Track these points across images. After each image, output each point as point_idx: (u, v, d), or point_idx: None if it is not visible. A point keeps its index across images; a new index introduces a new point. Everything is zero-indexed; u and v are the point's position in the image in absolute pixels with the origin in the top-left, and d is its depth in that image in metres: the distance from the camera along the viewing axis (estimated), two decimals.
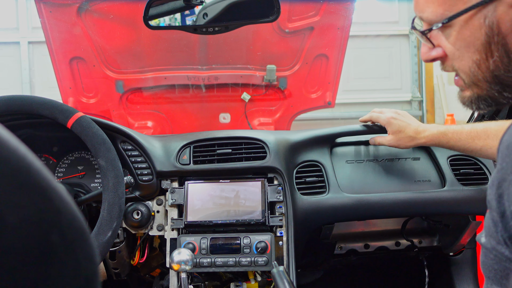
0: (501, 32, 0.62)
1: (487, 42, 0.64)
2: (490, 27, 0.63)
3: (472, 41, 0.66)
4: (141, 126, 2.25)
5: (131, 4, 2.00)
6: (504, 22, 0.62)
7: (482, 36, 0.64)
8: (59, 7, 1.91)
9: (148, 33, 1.45)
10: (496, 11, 0.61)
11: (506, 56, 0.64)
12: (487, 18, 0.62)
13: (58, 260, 0.37)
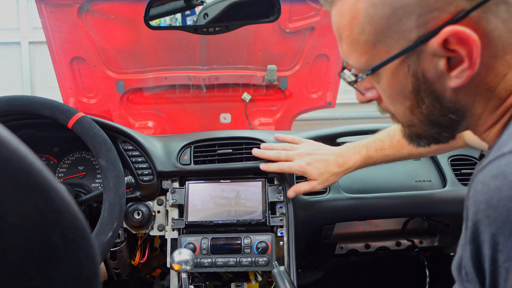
0: (428, 80, 0.60)
1: (416, 89, 0.62)
2: (415, 76, 0.61)
3: (400, 89, 0.63)
4: (142, 126, 2.25)
5: (131, 4, 2.00)
6: (429, 71, 0.59)
7: (409, 85, 0.62)
8: (59, 7, 1.91)
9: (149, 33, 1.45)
10: (419, 60, 0.59)
11: (437, 102, 0.62)
12: (411, 68, 0.60)
13: (59, 260, 0.37)
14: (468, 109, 0.62)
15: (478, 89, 0.60)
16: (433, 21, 0.55)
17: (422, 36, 0.56)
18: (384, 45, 0.59)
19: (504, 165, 0.50)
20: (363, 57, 0.62)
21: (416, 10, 0.55)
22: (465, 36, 0.54)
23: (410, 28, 0.57)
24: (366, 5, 0.58)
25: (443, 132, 0.66)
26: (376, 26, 0.58)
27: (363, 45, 0.61)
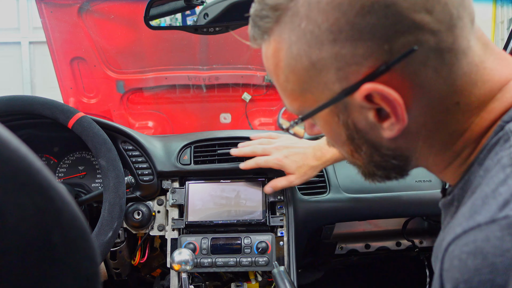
0: (360, 130, 0.58)
1: (350, 138, 0.59)
2: (346, 126, 0.58)
3: (336, 135, 0.61)
4: (142, 126, 2.25)
5: (132, 4, 2.00)
6: (360, 121, 0.57)
7: (343, 133, 0.59)
8: (60, 7, 1.91)
9: (149, 33, 1.45)
10: (348, 111, 0.56)
11: (375, 149, 0.59)
12: (341, 118, 0.57)
13: (59, 260, 0.37)
14: (411, 153, 0.59)
15: (418, 136, 0.57)
16: (352, 75, 0.52)
17: (345, 90, 0.53)
18: (310, 94, 0.56)
19: (481, 241, 0.45)
20: (294, 103, 0.59)
21: (334, 64, 0.52)
22: (385, 93, 0.51)
23: (332, 81, 0.54)
24: (286, 55, 0.55)
25: (390, 174, 0.64)
26: (298, 77, 0.55)
27: (290, 92, 0.58)
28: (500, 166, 0.50)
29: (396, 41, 0.50)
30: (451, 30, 0.51)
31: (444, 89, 0.53)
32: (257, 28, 0.57)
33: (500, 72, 0.55)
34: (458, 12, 0.51)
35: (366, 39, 0.50)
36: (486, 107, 0.55)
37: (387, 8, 0.49)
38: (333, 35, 0.51)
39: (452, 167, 0.59)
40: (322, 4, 0.51)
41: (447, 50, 0.51)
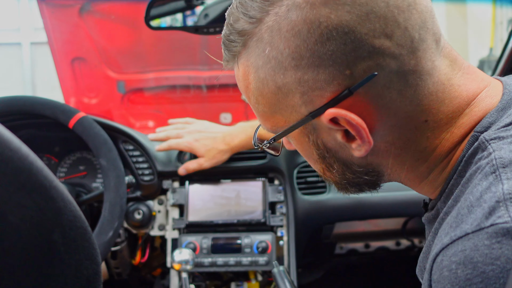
0: (330, 150, 0.59)
1: (321, 157, 0.60)
2: (316, 145, 0.59)
3: (308, 154, 0.62)
4: (143, 126, 2.25)
5: (132, 4, 2.00)
6: (329, 141, 0.58)
7: (314, 152, 0.60)
8: (61, 7, 1.91)
9: (149, 33, 1.45)
10: (317, 132, 0.57)
11: (347, 167, 0.60)
12: (311, 138, 0.58)
13: (60, 259, 0.37)
14: (383, 169, 0.60)
15: (388, 153, 0.57)
16: (317, 99, 0.53)
17: (311, 113, 0.54)
18: (280, 115, 0.57)
19: (470, 250, 0.45)
20: (267, 123, 0.60)
21: (298, 89, 0.53)
22: (348, 118, 0.52)
23: (299, 104, 0.54)
24: (254, 78, 0.56)
25: (363, 188, 0.64)
26: (267, 99, 0.56)
27: (262, 113, 0.59)
28: (482, 174, 0.50)
29: (357, 67, 0.51)
30: (413, 53, 0.51)
31: (411, 109, 0.54)
32: (227, 51, 0.58)
33: (468, 88, 0.56)
34: (419, 35, 0.51)
35: (327, 65, 0.51)
36: (456, 122, 0.55)
37: (346, 35, 0.50)
38: (295, 61, 0.52)
39: (427, 181, 0.60)
40: (283, 31, 0.51)
41: (410, 73, 0.52)
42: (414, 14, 0.51)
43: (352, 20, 0.49)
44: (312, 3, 0.50)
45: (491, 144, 0.52)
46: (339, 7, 0.49)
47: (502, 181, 0.48)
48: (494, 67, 1.52)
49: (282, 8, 0.51)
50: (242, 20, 0.54)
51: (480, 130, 0.54)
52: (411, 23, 0.51)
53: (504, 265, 0.43)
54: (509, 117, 0.54)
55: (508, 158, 0.49)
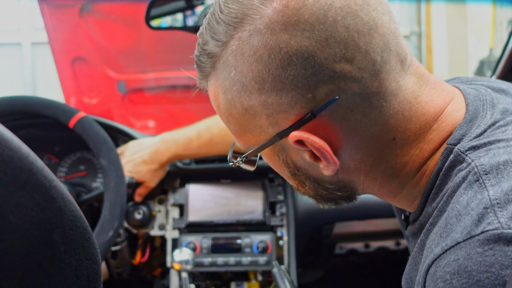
0: (300, 168, 0.60)
1: (292, 174, 0.62)
2: (286, 164, 0.60)
3: (280, 171, 0.63)
4: (143, 126, 2.25)
5: (133, 4, 2.00)
6: (298, 160, 0.59)
7: (285, 170, 0.62)
8: (61, 7, 1.91)
9: (150, 33, 1.45)
10: (286, 152, 0.58)
11: (319, 184, 0.61)
12: (281, 157, 0.60)
13: (60, 259, 0.37)
14: (355, 185, 0.61)
15: (358, 170, 0.58)
16: (282, 122, 0.54)
17: (278, 134, 0.55)
18: (251, 135, 0.58)
19: (463, 259, 0.45)
20: (239, 140, 0.61)
21: (264, 111, 0.54)
22: (311, 141, 0.53)
23: (266, 125, 0.55)
24: (223, 99, 0.57)
25: (339, 202, 0.65)
26: (236, 120, 0.57)
27: (234, 131, 0.60)
28: (466, 183, 0.50)
29: (318, 90, 0.51)
30: (375, 75, 0.51)
31: (377, 129, 0.54)
32: (199, 71, 0.58)
33: (435, 103, 0.56)
34: (382, 57, 0.51)
35: (289, 89, 0.52)
36: (424, 138, 0.56)
37: (306, 60, 0.50)
38: (258, 85, 0.52)
39: (401, 196, 0.60)
40: (245, 56, 0.52)
41: (374, 95, 0.52)
42: (375, 38, 0.51)
43: (311, 46, 0.50)
44: (272, 29, 0.50)
45: (468, 155, 0.53)
46: (299, 33, 0.50)
47: (486, 188, 0.48)
48: (494, 67, 1.52)
49: (244, 33, 0.52)
50: (210, 42, 0.54)
51: (453, 142, 0.55)
52: (372, 46, 0.51)
53: (499, 271, 0.43)
54: (479, 127, 0.55)
55: (489, 164, 0.50)
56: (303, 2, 0.50)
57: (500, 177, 0.48)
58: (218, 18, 0.53)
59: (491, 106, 0.57)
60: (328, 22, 0.49)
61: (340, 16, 0.50)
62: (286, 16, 0.50)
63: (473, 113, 0.56)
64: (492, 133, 0.54)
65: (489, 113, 0.56)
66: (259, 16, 0.51)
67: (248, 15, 0.51)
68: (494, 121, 0.55)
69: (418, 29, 4.55)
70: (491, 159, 0.50)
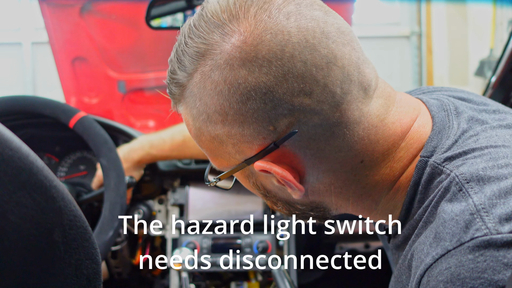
0: (270, 191, 0.61)
1: (264, 196, 0.63)
2: (257, 186, 0.61)
3: (254, 192, 0.64)
4: (143, 126, 2.25)
5: (133, 4, 2.00)
6: (267, 184, 0.60)
7: (257, 192, 0.63)
8: (62, 7, 1.91)
9: (150, 33, 1.45)
10: (255, 176, 0.60)
11: (290, 205, 0.62)
12: (251, 180, 0.61)
13: (60, 259, 0.37)
14: (327, 205, 0.61)
15: (329, 192, 0.58)
16: (247, 151, 0.55)
17: (245, 160, 0.56)
18: (222, 158, 0.59)
19: (455, 267, 0.45)
20: (213, 162, 0.62)
21: (229, 141, 0.55)
22: (273, 171, 0.54)
23: (233, 152, 0.56)
24: (192, 126, 0.58)
25: (313, 220, 0.65)
26: (206, 146, 0.58)
27: (207, 154, 0.61)
28: (450, 194, 0.51)
29: (279, 123, 0.52)
30: (336, 107, 0.52)
31: (342, 155, 0.55)
32: (171, 97, 0.59)
33: (402, 122, 0.56)
34: (342, 89, 0.51)
35: (251, 122, 0.52)
36: (394, 157, 0.56)
37: (264, 95, 0.51)
38: (221, 117, 0.53)
39: (377, 212, 0.60)
40: (207, 89, 0.53)
41: (336, 125, 0.52)
42: (334, 70, 0.51)
43: (269, 81, 0.50)
44: (231, 64, 0.51)
45: (445, 166, 0.53)
46: (256, 68, 0.50)
47: (470, 196, 0.49)
48: (494, 67, 1.52)
49: (206, 68, 0.52)
50: (178, 72, 0.55)
51: (426, 155, 0.55)
52: (331, 79, 0.51)
53: (492, 277, 0.43)
54: (449, 138, 0.55)
55: (469, 172, 0.50)
56: (261, 38, 0.50)
57: (482, 184, 0.49)
58: (183, 50, 0.54)
59: (455, 116, 0.58)
60: (285, 58, 0.50)
61: (297, 51, 0.50)
62: (244, 52, 0.50)
63: (440, 124, 0.57)
64: (464, 143, 0.55)
65: (455, 122, 0.57)
66: (219, 51, 0.51)
67: (209, 50, 0.52)
68: (463, 131, 0.56)
69: (418, 29, 4.56)
70: (470, 168, 0.51)
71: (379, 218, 0.62)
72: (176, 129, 1.22)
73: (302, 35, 0.50)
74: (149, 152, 1.21)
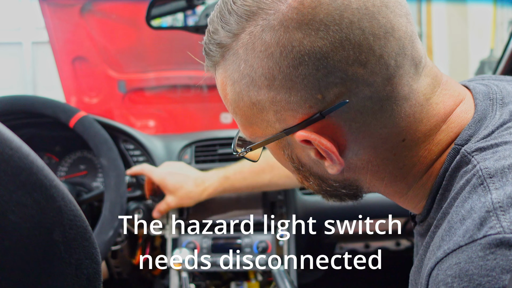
0: (305, 165, 0.59)
1: (297, 169, 0.61)
2: (291, 159, 0.60)
3: (285, 165, 0.63)
4: (143, 125, 2.26)
5: (133, 4, 2.00)
6: (303, 157, 0.58)
7: (289, 164, 0.61)
8: (62, 7, 1.92)
9: (150, 33, 1.45)
10: (291, 147, 0.58)
11: (323, 181, 0.61)
12: (286, 152, 0.59)
13: (60, 258, 0.37)
14: (361, 184, 0.60)
15: (365, 170, 0.58)
16: (289, 119, 0.54)
17: (285, 130, 0.55)
18: (257, 127, 0.57)
19: (464, 262, 0.45)
20: (245, 132, 0.60)
21: (271, 108, 0.53)
22: (317, 142, 0.53)
23: (273, 120, 0.55)
24: (231, 90, 0.56)
25: (343, 199, 0.65)
26: (243, 112, 0.57)
27: (240, 122, 0.59)
28: (470, 186, 0.50)
29: (328, 92, 0.50)
30: (388, 80, 0.51)
31: (386, 131, 0.54)
32: (207, 58, 0.57)
33: (446, 105, 0.55)
34: (396, 62, 0.51)
35: (299, 88, 0.51)
36: (433, 140, 0.55)
37: (318, 61, 0.49)
38: (268, 81, 0.52)
39: (407, 196, 0.60)
40: (256, 51, 0.51)
41: (385, 99, 0.51)
42: (391, 41, 0.50)
43: (325, 47, 0.49)
44: (286, 26, 0.49)
45: (474, 157, 0.52)
46: (313, 32, 0.48)
47: (490, 191, 0.48)
48: (495, 68, 1.52)
49: (257, 28, 0.50)
50: (221, 32, 0.53)
51: (461, 143, 0.54)
52: (387, 50, 0.50)
53: (500, 275, 0.43)
54: (487, 128, 0.54)
55: (494, 167, 0.50)
56: (319, 0, 0.48)
57: (505, 181, 0.48)
58: (230, 9, 0.52)
59: (500, 106, 0.56)
60: (343, 23, 0.48)
61: (356, 18, 0.48)
62: (301, 14, 0.49)
63: (482, 113, 0.56)
64: (499, 135, 0.53)
65: (498, 113, 0.56)
66: (273, 11, 0.50)
67: (262, 9, 0.50)
68: (502, 122, 0.54)
69: (418, 29, 4.56)
70: (496, 162, 0.50)
71: (408, 203, 0.61)
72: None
73: (362, 1, 0.49)
74: (225, 175, 1.16)
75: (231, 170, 1.17)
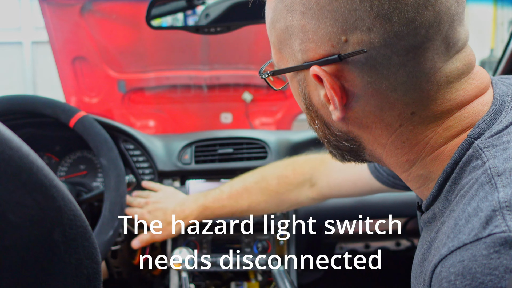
0: (314, 105, 0.60)
1: (306, 108, 0.62)
2: (303, 96, 0.61)
3: (298, 100, 0.63)
4: (143, 125, 2.26)
5: (133, 4, 2.00)
6: (313, 96, 0.59)
7: (301, 101, 0.62)
8: (62, 7, 1.92)
9: (150, 33, 1.45)
10: (306, 83, 0.59)
11: (326, 127, 0.62)
12: (300, 86, 0.60)
13: (60, 258, 0.37)
14: (363, 142, 0.60)
15: (369, 129, 0.58)
16: (311, 52, 0.55)
17: (305, 62, 0.56)
18: (284, 55, 0.59)
19: (468, 260, 0.45)
20: (275, 55, 0.62)
21: (299, 35, 0.55)
22: (325, 80, 0.54)
23: (297, 50, 0.56)
24: (273, 10, 0.58)
25: (345, 155, 0.65)
26: (277, 34, 0.58)
27: (273, 44, 0.61)
28: (478, 184, 0.50)
29: (353, 36, 0.51)
30: (412, 48, 0.51)
31: (395, 97, 0.54)
32: None
33: (466, 93, 0.55)
34: (427, 33, 0.50)
35: (328, 24, 0.52)
36: (443, 123, 0.55)
37: (353, 2, 0.50)
38: (303, 8, 0.53)
39: (409, 174, 0.60)
40: None
41: (403, 64, 0.51)
42: (429, 11, 0.50)
43: None
44: None
45: (485, 153, 0.52)
46: None
47: (497, 188, 0.48)
48: (495, 67, 1.52)
49: None
50: None
51: (474, 136, 0.54)
52: (421, 19, 0.50)
53: (503, 274, 0.43)
54: (501, 123, 0.54)
55: (502, 166, 0.49)
56: None
57: None
58: None
59: None
60: None
61: None
62: None
63: (498, 107, 0.55)
64: None
65: None
66: None
67: None
68: None
69: None
70: (505, 161, 0.50)
71: (410, 181, 0.61)
72: (233, 180, 1.18)
73: None
74: (204, 204, 1.16)
75: (210, 198, 1.17)
